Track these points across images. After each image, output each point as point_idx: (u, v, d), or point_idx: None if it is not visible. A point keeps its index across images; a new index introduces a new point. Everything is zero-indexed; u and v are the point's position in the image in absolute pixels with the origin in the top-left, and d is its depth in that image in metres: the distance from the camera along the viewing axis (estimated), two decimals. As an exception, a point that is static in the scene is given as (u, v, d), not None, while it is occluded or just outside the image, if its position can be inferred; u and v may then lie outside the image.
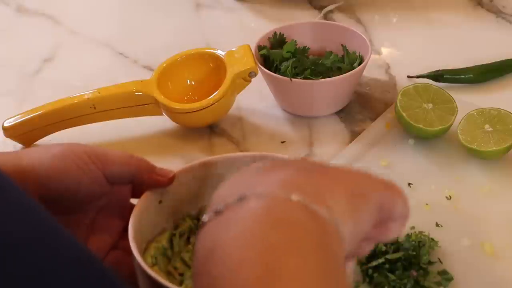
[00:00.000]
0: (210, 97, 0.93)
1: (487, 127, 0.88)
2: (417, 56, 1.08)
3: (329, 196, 0.54)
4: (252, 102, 1.00)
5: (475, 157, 0.88)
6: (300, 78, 0.94)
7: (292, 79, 0.93)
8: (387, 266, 0.76)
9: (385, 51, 1.10)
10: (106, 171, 0.71)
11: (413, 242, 0.77)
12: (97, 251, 0.73)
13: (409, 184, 0.86)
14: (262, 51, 0.98)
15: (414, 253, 0.77)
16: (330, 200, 0.54)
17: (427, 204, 0.83)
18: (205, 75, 0.98)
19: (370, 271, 0.76)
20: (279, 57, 0.97)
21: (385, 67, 1.06)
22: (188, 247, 0.74)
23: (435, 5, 1.18)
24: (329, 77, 0.94)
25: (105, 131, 0.97)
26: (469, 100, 0.95)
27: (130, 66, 1.09)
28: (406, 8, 1.18)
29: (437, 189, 0.86)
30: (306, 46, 0.98)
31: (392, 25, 1.16)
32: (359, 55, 0.97)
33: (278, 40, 1.00)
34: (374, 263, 0.76)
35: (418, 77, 1.01)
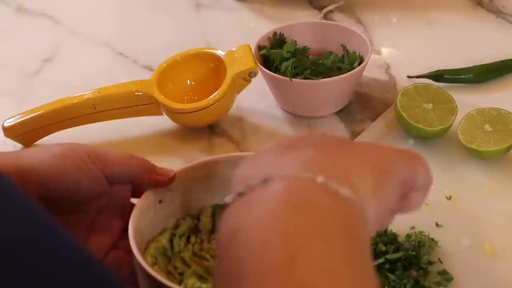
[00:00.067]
0: (210, 97, 0.93)
1: (487, 127, 0.88)
2: (417, 56, 1.08)
3: (354, 175, 0.54)
4: (252, 102, 1.00)
5: (475, 157, 0.88)
6: (300, 78, 0.94)
7: (292, 79, 0.93)
8: (387, 266, 0.76)
9: (385, 51, 1.10)
10: (106, 171, 0.71)
11: (413, 242, 0.77)
12: (97, 251, 0.73)
13: (409, 184, 0.86)
14: (262, 51, 0.98)
15: (414, 253, 0.77)
16: (355, 179, 0.53)
17: (427, 204, 0.83)
18: (205, 75, 0.98)
19: (370, 271, 0.76)
20: (279, 57, 0.97)
21: (385, 67, 1.06)
22: (188, 247, 0.74)
23: (435, 5, 1.18)
24: (329, 77, 0.94)
25: (105, 131, 0.97)
26: (469, 100, 0.95)
27: (130, 66, 1.09)
28: (406, 8, 1.18)
29: (437, 189, 0.85)
30: (306, 46, 0.98)
31: (392, 25, 1.16)
32: (359, 55, 0.97)
33: (278, 40, 1.00)
34: (374, 263, 0.76)
35: (418, 77, 1.01)
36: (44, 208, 0.70)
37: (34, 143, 0.96)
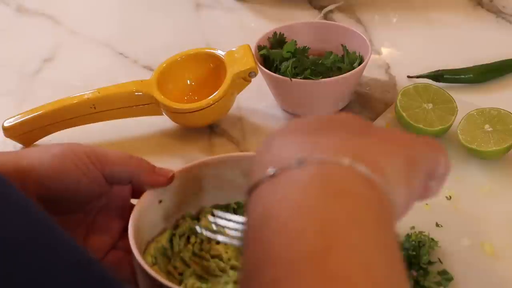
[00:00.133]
0: (210, 97, 0.93)
1: (487, 127, 0.88)
2: (417, 56, 1.08)
3: (387, 163, 0.53)
4: (252, 102, 1.00)
5: (475, 157, 0.88)
6: (300, 78, 0.94)
7: (292, 79, 0.93)
8: (387, 266, 0.76)
9: (385, 51, 1.10)
10: (105, 172, 0.71)
11: (413, 242, 0.77)
12: (97, 251, 0.73)
13: (409, 184, 0.86)
14: (262, 51, 0.98)
15: (414, 253, 0.77)
16: (388, 167, 0.53)
17: (427, 204, 0.83)
18: (205, 75, 0.98)
19: (370, 271, 0.76)
20: (279, 57, 0.97)
21: (385, 67, 1.06)
22: (188, 247, 0.74)
23: (435, 5, 1.18)
24: (329, 77, 0.94)
25: (105, 131, 0.96)
26: (469, 100, 0.95)
27: (130, 66, 1.09)
28: (406, 8, 1.18)
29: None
30: (306, 46, 0.98)
31: (392, 25, 1.16)
32: (359, 55, 0.97)
33: (278, 40, 1.00)
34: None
35: (418, 77, 1.01)
36: (44, 208, 0.70)
37: (34, 143, 0.96)
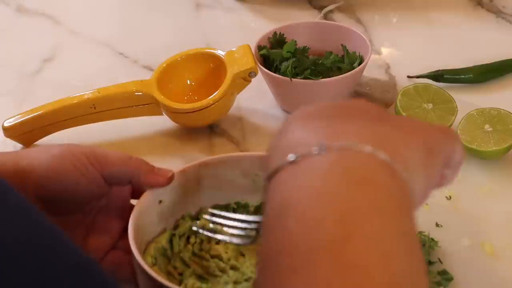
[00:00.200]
0: (210, 97, 0.93)
1: (487, 127, 0.88)
2: (417, 56, 1.08)
3: (407, 151, 0.52)
4: (252, 102, 1.00)
5: (475, 157, 0.88)
6: (300, 78, 0.94)
7: (292, 79, 0.93)
8: (387, 266, 0.76)
9: (385, 51, 1.10)
10: (105, 172, 0.71)
11: (413, 242, 0.77)
12: (97, 251, 0.73)
13: (409, 184, 0.86)
14: (262, 51, 0.98)
15: (414, 253, 0.77)
16: (407, 155, 0.52)
17: (427, 204, 0.82)
18: (205, 75, 0.98)
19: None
20: (279, 57, 0.97)
21: (385, 67, 1.06)
22: (188, 247, 0.74)
23: (435, 5, 1.18)
24: (329, 77, 0.94)
25: (105, 131, 0.96)
26: (469, 100, 0.95)
27: (130, 66, 1.09)
28: (406, 8, 1.18)
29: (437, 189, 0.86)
30: (306, 46, 0.98)
31: (392, 25, 1.16)
32: (359, 55, 0.97)
33: (278, 40, 1.00)
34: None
35: (418, 77, 1.01)
36: (43, 209, 0.70)
37: (34, 143, 0.96)
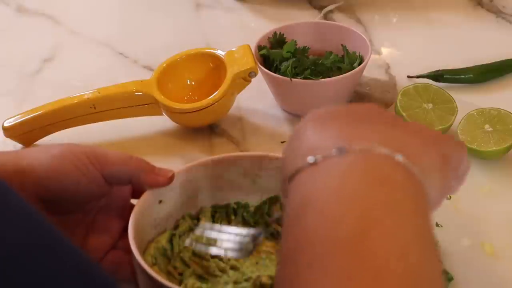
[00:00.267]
0: (210, 97, 0.93)
1: (487, 127, 0.88)
2: (417, 56, 1.08)
3: (422, 157, 0.54)
4: (252, 102, 1.00)
5: (475, 157, 0.88)
6: (300, 78, 0.94)
7: (292, 79, 0.93)
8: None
9: (385, 51, 1.10)
10: (105, 172, 0.71)
11: (413, 242, 0.77)
12: (97, 251, 0.73)
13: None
14: (262, 51, 0.98)
15: (414, 253, 0.77)
16: (424, 161, 0.54)
17: (427, 204, 0.82)
18: (205, 75, 0.98)
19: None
20: (279, 57, 0.97)
21: (385, 67, 1.06)
22: (188, 247, 0.74)
23: (435, 5, 1.18)
24: (329, 77, 0.94)
25: (105, 131, 0.96)
26: (469, 100, 0.95)
27: (130, 66, 1.09)
28: (406, 8, 1.18)
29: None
30: (306, 46, 0.98)
31: (392, 25, 1.16)
32: (359, 55, 0.97)
33: (278, 40, 1.00)
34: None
35: (418, 77, 1.01)
36: (43, 208, 0.70)
37: (34, 143, 0.96)
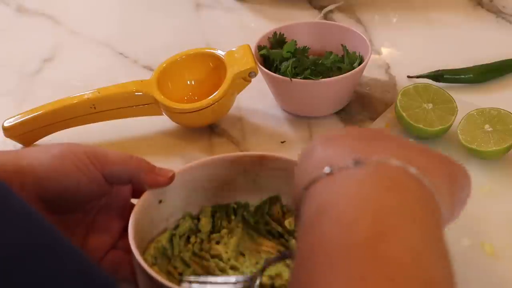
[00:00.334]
0: (210, 97, 0.93)
1: (487, 127, 0.88)
2: (417, 56, 1.08)
3: (434, 173, 0.57)
4: (252, 102, 1.00)
5: (475, 157, 0.88)
6: (300, 78, 0.94)
7: (292, 79, 0.93)
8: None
9: (385, 51, 1.10)
10: (105, 172, 0.71)
11: (413, 242, 0.77)
12: (97, 251, 0.73)
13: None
14: (262, 51, 0.98)
15: (414, 253, 0.77)
16: (435, 177, 0.56)
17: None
18: (205, 75, 0.98)
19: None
20: (279, 57, 0.97)
21: (385, 67, 1.06)
22: (188, 247, 0.74)
23: (435, 5, 1.18)
24: (329, 77, 0.94)
25: (105, 131, 0.96)
26: (469, 100, 0.95)
27: (130, 66, 1.09)
28: (406, 8, 1.18)
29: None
30: (306, 46, 0.98)
31: (392, 25, 1.16)
32: (359, 55, 0.97)
33: (278, 40, 1.00)
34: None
35: (418, 77, 1.01)
36: (43, 208, 0.70)
37: (34, 143, 0.96)
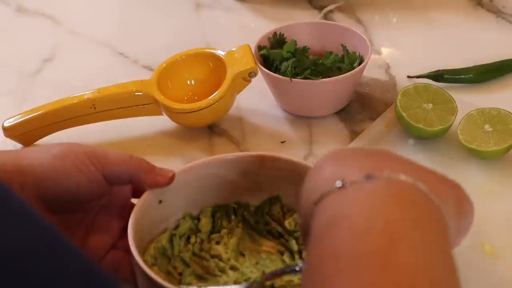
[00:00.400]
0: (210, 97, 0.93)
1: (487, 127, 0.88)
2: (417, 56, 1.08)
3: (442, 192, 0.58)
4: (252, 102, 1.00)
5: (475, 157, 0.88)
6: (300, 78, 0.94)
7: (292, 79, 0.93)
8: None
9: (385, 51, 1.10)
10: (105, 172, 0.71)
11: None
12: (97, 251, 0.73)
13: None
14: (262, 51, 0.98)
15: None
16: (443, 196, 0.58)
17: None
18: (205, 75, 0.98)
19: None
20: (279, 57, 0.97)
21: (385, 67, 1.06)
22: (188, 247, 0.74)
23: (435, 5, 1.18)
24: (329, 77, 0.94)
25: (105, 131, 0.96)
26: (469, 100, 0.95)
27: (130, 66, 1.09)
28: (406, 8, 1.18)
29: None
30: (306, 46, 0.98)
31: (392, 25, 1.16)
32: (359, 55, 0.97)
33: (278, 40, 1.00)
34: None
35: (418, 77, 1.01)
36: (44, 208, 0.70)
37: (34, 143, 0.96)
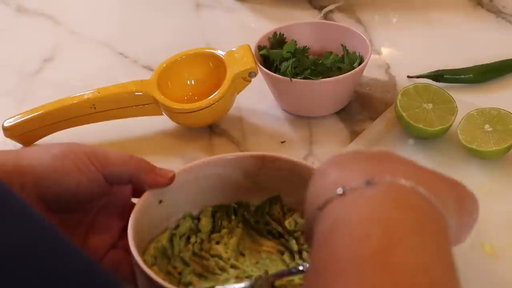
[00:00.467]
0: (210, 97, 0.93)
1: (487, 127, 0.88)
2: (417, 56, 1.08)
3: (442, 194, 0.59)
4: (252, 102, 1.00)
5: (475, 157, 0.88)
6: (300, 78, 0.94)
7: (292, 79, 0.93)
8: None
9: (385, 51, 1.10)
10: (105, 172, 0.71)
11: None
12: (97, 250, 0.73)
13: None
14: (262, 51, 0.98)
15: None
16: (444, 198, 0.59)
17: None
18: (205, 75, 0.98)
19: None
20: (279, 57, 0.97)
21: (385, 67, 1.06)
22: (188, 247, 0.74)
23: (435, 5, 1.18)
24: (329, 77, 0.94)
25: (105, 131, 0.96)
26: (469, 100, 0.95)
27: (130, 66, 1.09)
28: (406, 8, 1.18)
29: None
30: (306, 46, 0.98)
31: (392, 25, 1.16)
32: (359, 55, 0.97)
33: (278, 40, 1.00)
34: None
35: (418, 77, 1.01)
36: (44, 208, 0.70)
37: (34, 143, 0.96)
